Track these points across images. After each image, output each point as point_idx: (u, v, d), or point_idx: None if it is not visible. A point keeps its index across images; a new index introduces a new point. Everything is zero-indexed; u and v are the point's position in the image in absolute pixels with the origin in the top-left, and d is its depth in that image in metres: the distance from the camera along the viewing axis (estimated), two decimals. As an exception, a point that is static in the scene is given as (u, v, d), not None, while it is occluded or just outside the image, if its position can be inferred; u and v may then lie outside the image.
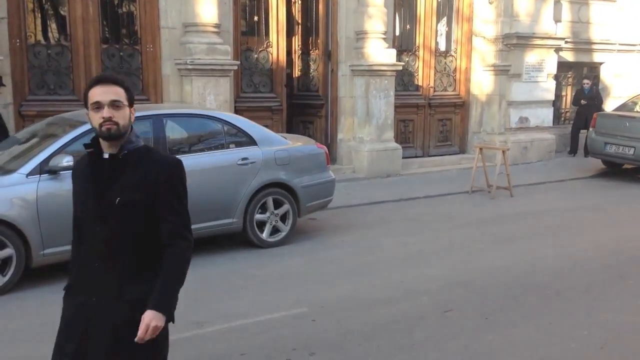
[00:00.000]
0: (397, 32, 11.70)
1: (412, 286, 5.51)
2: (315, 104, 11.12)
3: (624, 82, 14.50)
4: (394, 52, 10.72)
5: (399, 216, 8.22)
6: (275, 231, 6.74)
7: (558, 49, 12.82)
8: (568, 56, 13.65)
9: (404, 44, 11.75)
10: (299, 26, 11.10)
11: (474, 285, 5.54)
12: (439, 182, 10.50)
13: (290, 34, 10.77)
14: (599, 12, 13.99)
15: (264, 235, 6.65)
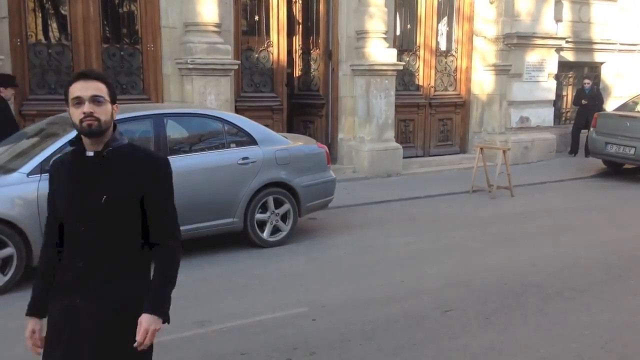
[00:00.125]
0: (398, 31, 11.70)
1: (412, 286, 5.51)
2: (315, 103, 11.13)
3: (624, 82, 14.50)
4: (394, 51, 10.72)
5: (400, 216, 8.22)
6: (276, 231, 6.74)
7: (559, 49, 12.83)
8: (569, 56, 13.65)
9: (404, 44, 11.76)
10: (300, 26, 11.11)
11: (475, 284, 5.54)
12: (439, 181, 10.49)
13: (291, 33, 10.77)
14: (600, 12, 13.99)
15: (265, 234, 6.65)
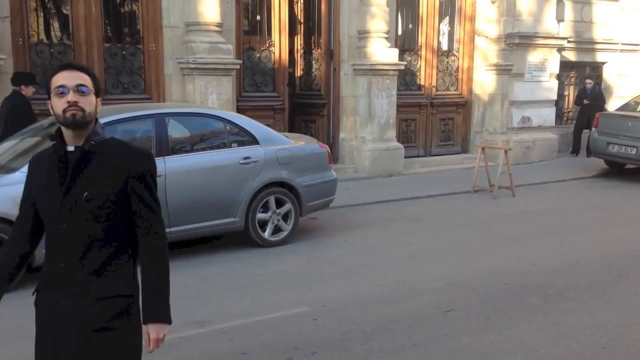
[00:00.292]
0: (400, 31, 11.69)
1: (413, 286, 5.51)
2: (317, 103, 11.13)
3: (626, 82, 14.48)
4: (396, 51, 10.71)
5: (401, 216, 8.22)
6: (277, 230, 6.74)
7: (560, 49, 12.81)
8: (570, 56, 13.63)
9: (406, 44, 11.75)
10: (301, 25, 11.10)
11: (476, 284, 5.53)
12: (441, 181, 10.49)
13: (292, 33, 10.77)
14: (602, 12, 13.96)
15: (266, 234, 6.65)
